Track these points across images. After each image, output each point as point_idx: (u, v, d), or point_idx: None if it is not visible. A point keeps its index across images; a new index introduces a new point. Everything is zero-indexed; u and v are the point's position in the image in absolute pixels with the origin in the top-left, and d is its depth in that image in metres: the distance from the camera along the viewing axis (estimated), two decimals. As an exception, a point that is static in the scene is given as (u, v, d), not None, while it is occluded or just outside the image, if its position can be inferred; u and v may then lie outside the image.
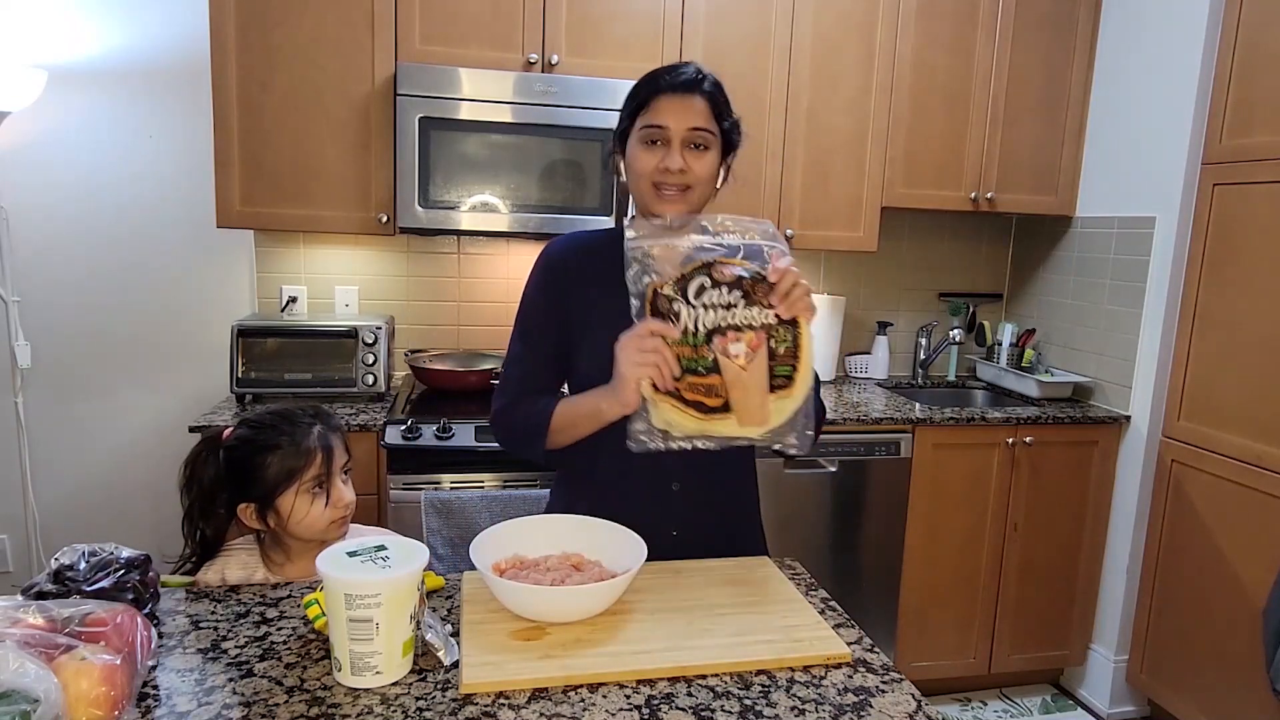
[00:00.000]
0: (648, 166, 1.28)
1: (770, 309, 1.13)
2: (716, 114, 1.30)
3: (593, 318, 1.36)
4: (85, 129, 2.60)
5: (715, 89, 1.30)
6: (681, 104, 1.27)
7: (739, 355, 1.12)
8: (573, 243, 1.42)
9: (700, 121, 1.27)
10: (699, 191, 1.31)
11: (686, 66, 1.30)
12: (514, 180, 2.42)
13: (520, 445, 1.38)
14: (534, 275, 1.41)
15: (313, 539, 1.35)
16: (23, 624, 0.87)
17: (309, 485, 1.32)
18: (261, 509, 1.33)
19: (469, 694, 0.95)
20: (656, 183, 1.28)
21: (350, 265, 2.79)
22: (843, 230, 2.79)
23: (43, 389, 2.68)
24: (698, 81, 1.28)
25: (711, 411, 1.13)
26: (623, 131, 1.34)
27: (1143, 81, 2.71)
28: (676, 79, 1.27)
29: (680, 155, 1.27)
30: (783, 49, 2.65)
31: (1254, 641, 2.29)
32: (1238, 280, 2.42)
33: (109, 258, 2.66)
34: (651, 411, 1.15)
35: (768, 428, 1.14)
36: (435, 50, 2.41)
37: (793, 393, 1.14)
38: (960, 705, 2.80)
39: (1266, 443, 2.32)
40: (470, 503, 1.81)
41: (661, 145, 1.28)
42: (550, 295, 1.39)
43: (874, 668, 1.05)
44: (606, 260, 1.38)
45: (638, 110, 1.29)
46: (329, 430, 1.38)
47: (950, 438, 2.63)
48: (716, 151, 1.31)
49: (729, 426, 1.13)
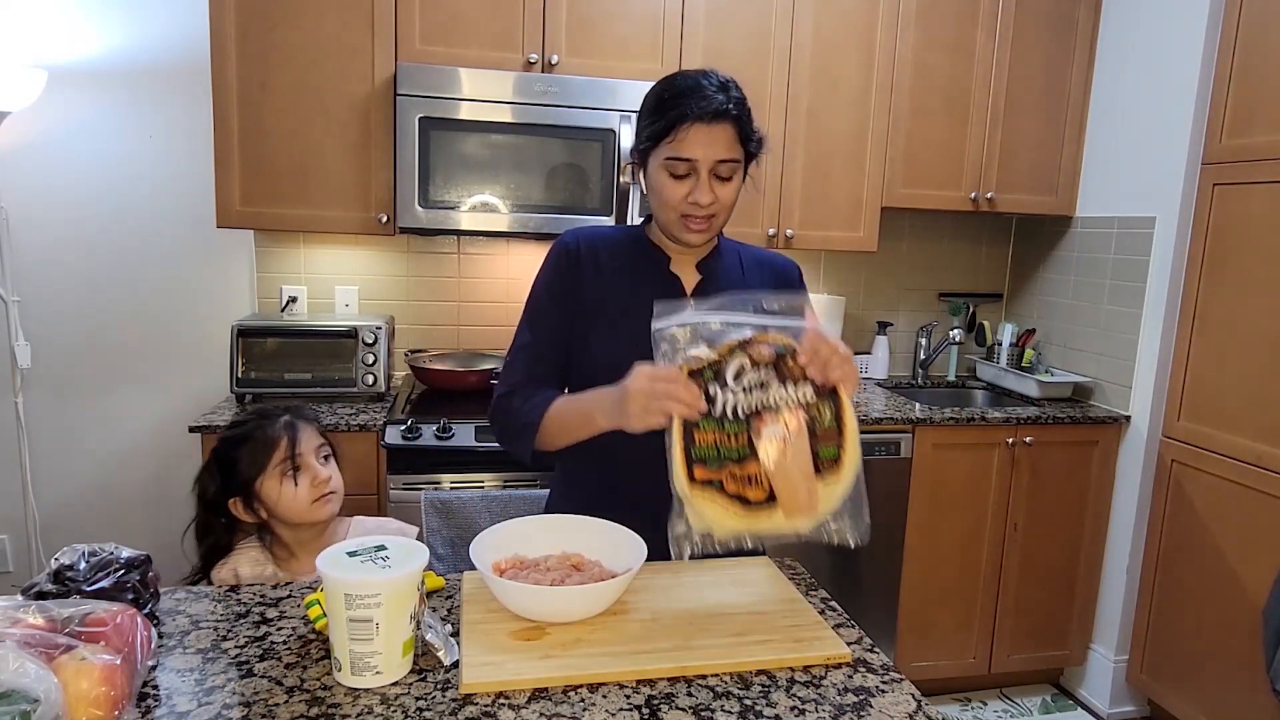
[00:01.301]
0: (675, 197, 1.27)
1: (807, 381, 1.06)
2: (743, 136, 1.27)
3: (605, 312, 1.36)
4: (85, 129, 2.60)
5: (741, 110, 1.26)
6: (709, 135, 1.23)
7: (778, 438, 1.04)
8: (590, 235, 1.41)
9: (728, 152, 1.25)
10: (723, 217, 1.31)
11: (712, 89, 1.24)
12: (514, 180, 2.42)
13: (510, 440, 1.36)
14: (548, 263, 1.40)
15: (301, 521, 1.42)
16: (23, 624, 0.87)
17: (280, 467, 1.41)
18: (247, 500, 1.42)
19: (469, 694, 0.95)
20: (684, 214, 1.28)
21: (350, 265, 2.79)
22: (843, 230, 2.79)
23: (43, 389, 2.68)
24: (726, 110, 1.24)
25: (755, 506, 1.04)
26: (643, 151, 1.30)
27: (1143, 81, 2.71)
28: (706, 109, 1.22)
29: (709, 189, 1.25)
30: (783, 49, 2.65)
31: (1254, 641, 2.29)
32: (1237, 280, 2.42)
33: (109, 258, 2.66)
34: (690, 513, 1.05)
35: (817, 517, 1.06)
36: (435, 50, 2.41)
37: (840, 475, 1.07)
38: (960, 705, 2.80)
39: (1266, 443, 2.32)
40: (470, 503, 1.81)
41: (689, 177, 1.26)
42: (564, 285, 1.37)
43: (874, 668, 1.05)
44: (623, 256, 1.38)
45: (662, 134, 1.25)
46: (297, 419, 1.47)
47: (950, 438, 2.63)
48: (741, 171, 1.30)
49: (775, 520, 1.05)
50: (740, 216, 2.67)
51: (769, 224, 2.72)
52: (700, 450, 1.05)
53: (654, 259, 1.39)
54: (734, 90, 1.27)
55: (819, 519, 1.06)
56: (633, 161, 1.36)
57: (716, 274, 1.40)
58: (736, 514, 1.04)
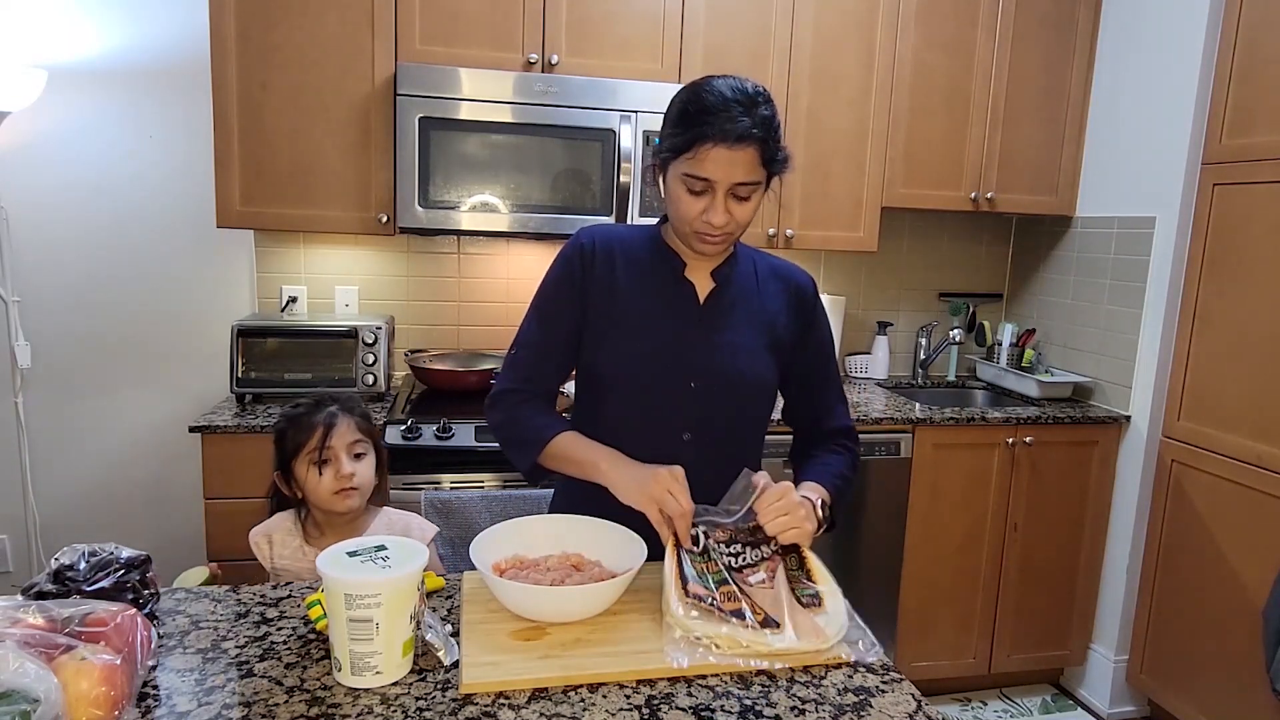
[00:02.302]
0: (691, 213, 1.26)
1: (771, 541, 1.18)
2: (766, 158, 1.23)
3: (614, 317, 1.35)
4: (85, 129, 2.60)
5: (767, 131, 1.21)
6: (730, 157, 1.19)
7: (762, 580, 1.13)
8: (606, 235, 1.39)
9: (748, 175, 1.22)
10: (739, 233, 1.31)
11: (739, 110, 1.19)
12: (514, 180, 2.42)
13: (512, 449, 1.36)
14: (561, 259, 1.38)
15: (325, 509, 1.53)
16: (23, 624, 0.87)
17: (310, 455, 1.50)
18: (285, 476, 1.55)
19: (469, 694, 0.95)
20: (698, 230, 1.27)
21: (350, 265, 2.79)
22: (843, 230, 2.79)
23: (43, 389, 2.68)
24: (751, 134, 1.19)
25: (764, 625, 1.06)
26: (664, 157, 1.28)
27: (1143, 81, 2.71)
28: (730, 132, 1.18)
29: (724, 210, 1.24)
30: (783, 49, 2.65)
31: (1254, 641, 2.29)
32: (1238, 280, 2.42)
33: (109, 258, 2.66)
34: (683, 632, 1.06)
35: (826, 639, 1.07)
36: (435, 50, 2.41)
37: (825, 609, 1.12)
38: (960, 705, 2.80)
39: (1266, 443, 2.32)
40: (470, 503, 1.81)
41: (706, 194, 1.24)
42: (576, 285, 1.36)
43: (874, 668, 1.05)
44: (638, 260, 1.37)
45: (682, 149, 1.22)
46: (342, 412, 1.56)
47: (950, 438, 2.63)
48: (761, 191, 1.27)
49: (786, 639, 1.06)
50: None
51: (769, 224, 2.72)
52: (692, 571, 1.12)
53: (670, 264, 1.37)
54: (763, 108, 1.22)
55: (830, 642, 1.08)
56: (654, 164, 1.33)
57: (730, 283, 1.39)
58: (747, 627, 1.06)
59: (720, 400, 1.35)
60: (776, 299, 1.41)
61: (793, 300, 1.42)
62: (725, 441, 1.37)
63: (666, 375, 1.33)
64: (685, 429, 1.34)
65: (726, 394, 1.35)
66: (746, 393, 1.37)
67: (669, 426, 1.34)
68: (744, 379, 1.35)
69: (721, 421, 1.36)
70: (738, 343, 1.36)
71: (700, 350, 1.34)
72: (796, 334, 1.42)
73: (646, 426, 1.34)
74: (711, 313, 1.36)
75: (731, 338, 1.36)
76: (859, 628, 1.13)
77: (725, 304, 1.37)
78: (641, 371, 1.34)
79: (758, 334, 1.38)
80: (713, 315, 1.36)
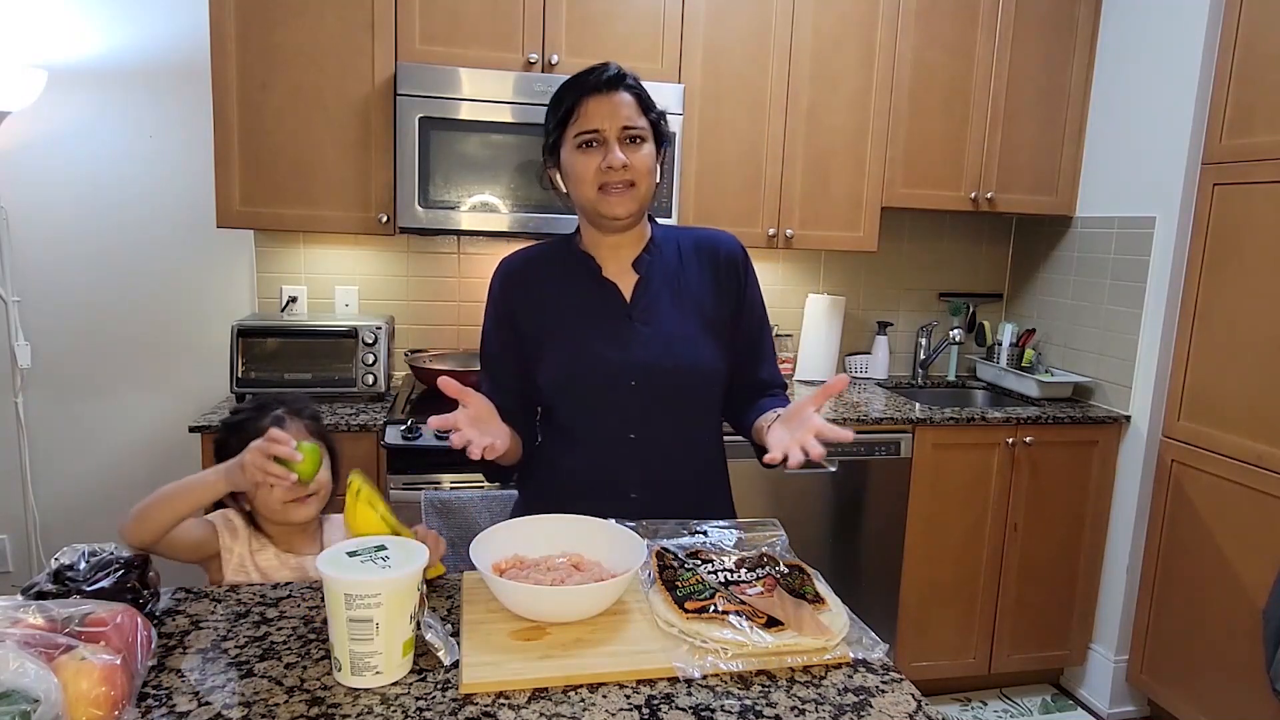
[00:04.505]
0: (589, 169, 1.29)
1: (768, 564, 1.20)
2: (644, 107, 1.32)
3: (546, 330, 1.37)
4: (85, 129, 2.60)
5: (636, 83, 1.33)
6: (610, 103, 1.28)
7: (760, 592, 1.13)
8: (519, 258, 1.44)
9: (631, 118, 1.29)
10: (644, 186, 1.31)
11: (604, 65, 1.31)
12: (514, 180, 2.42)
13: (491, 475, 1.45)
14: (488, 299, 1.44)
15: (279, 520, 1.39)
16: (23, 624, 0.87)
17: None
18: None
19: (469, 694, 0.95)
20: (602, 184, 1.29)
21: (350, 265, 2.79)
22: (843, 230, 2.79)
23: (43, 389, 2.68)
24: (620, 78, 1.30)
25: (766, 626, 1.05)
26: (553, 144, 1.34)
27: (1143, 81, 2.71)
28: (600, 79, 1.29)
29: (620, 152, 1.28)
30: (783, 49, 2.65)
31: (1254, 641, 2.29)
32: (1238, 280, 2.42)
33: (109, 257, 2.66)
34: (690, 641, 1.05)
35: (834, 634, 1.06)
36: (435, 50, 2.41)
37: (828, 605, 1.13)
38: (960, 705, 2.80)
39: (1266, 443, 2.32)
40: (470, 503, 1.81)
41: (599, 146, 1.29)
42: (502, 317, 1.41)
43: (874, 668, 1.05)
44: (555, 273, 1.40)
45: (566, 119, 1.30)
46: (289, 414, 1.44)
47: (950, 438, 2.63)
48: (652, 143, 1.32)
49: (789, 635, 1.05)
50: (740, 216, 2.68)
51: (769, 224, 2.72)
52: (684, 590, 1.11)
53: (587, 268, 1.39)
54: (627, 70, 1.32)
55: (837, 638, 1.07)
56: (547, 167, 1.37)
57: (653, 273, 1.40)
58: (735, 628, 1.05)
59: (664, 394, 1.36)
60: (702, 276, 1.41)
61: (720, 272, 1.42)
62: (674, 435, 1.39)
63: (604, 379, 1.35)
64: (629, 429, 1.36)
65: (669, 387, 1.36)
66: (689, 382, 1.38)
67: (613, 429, 1.36)
68: (681, 369, 1.36)
69: (667, 416, 1.37)
70: (673, 333, 1.36)
71: (634, 348, 1.35)
72: (731, 305, 1.42)
73: (592, 432, 1.37)
74: (639, 307, 1.37)
75: (667, 329, 1.36)
76: (861, 628, 1.13)
77: (652, 295, 1.38)
78: (579, 380, 1.36)
79: (690, 319, 1.38)
80: (641, 310, 1.37)
